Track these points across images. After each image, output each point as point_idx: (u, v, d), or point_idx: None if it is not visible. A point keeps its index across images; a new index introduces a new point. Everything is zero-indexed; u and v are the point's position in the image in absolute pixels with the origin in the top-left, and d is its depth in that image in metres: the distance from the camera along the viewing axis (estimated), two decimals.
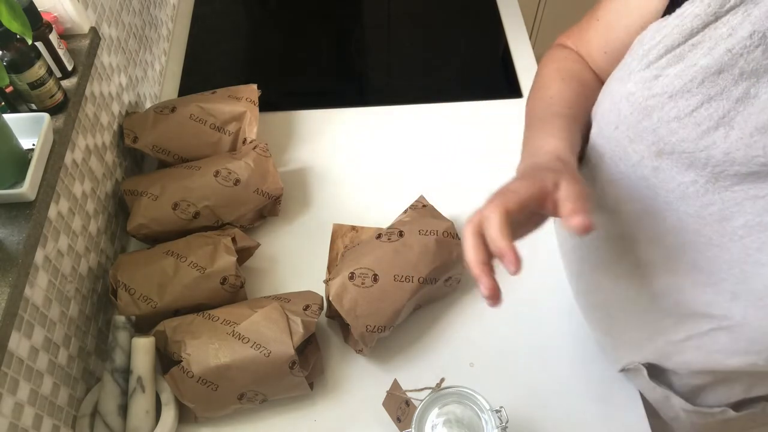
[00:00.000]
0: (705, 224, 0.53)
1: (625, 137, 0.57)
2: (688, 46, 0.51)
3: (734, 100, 0.49)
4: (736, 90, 0.48)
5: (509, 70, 1.16)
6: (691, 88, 0.50)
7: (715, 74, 0.49)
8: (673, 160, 0.53)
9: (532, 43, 1.20)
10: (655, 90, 0.53)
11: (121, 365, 0.74)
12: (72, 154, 0.78)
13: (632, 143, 0.56)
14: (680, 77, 0.51)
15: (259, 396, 0.74)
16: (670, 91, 0.52)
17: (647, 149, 0.55)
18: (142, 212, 0.86)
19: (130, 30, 1.01)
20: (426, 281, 0.78)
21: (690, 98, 0.51)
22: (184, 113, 0.94)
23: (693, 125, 0.51)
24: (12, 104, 0.72)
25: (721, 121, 0.49)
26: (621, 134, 0.57)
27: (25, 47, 0.67)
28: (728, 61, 0.48)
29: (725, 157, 0.50)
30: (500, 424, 0.62)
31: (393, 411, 0.74)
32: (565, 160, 0.58)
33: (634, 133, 0.56)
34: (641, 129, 0.55)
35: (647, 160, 0.55)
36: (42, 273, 0.69)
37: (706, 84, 0.50)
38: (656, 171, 0.55)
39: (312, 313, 0.76)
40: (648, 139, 0.54)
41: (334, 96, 1.15)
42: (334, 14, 1.30)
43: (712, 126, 0.50)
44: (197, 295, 0.80)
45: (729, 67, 0.48)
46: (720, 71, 0.49)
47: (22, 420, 0.62)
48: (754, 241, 0.50)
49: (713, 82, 0.49)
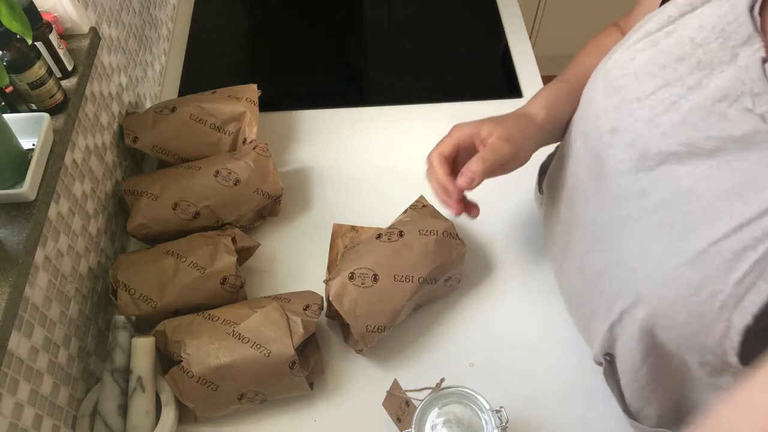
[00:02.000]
0: (631, 199, 0.56)
1: (593, 113, 0.60)
2: (664, 33, 0.54)
3: (687, 87, 0.51)
4: (690, 78, 0.51)
5: (509, 70, 1.16)
6: (654, 71, 0.53)
7: (676, 61, 0.52)
8: (622, 138, 0.56)
9: (532, 43, 1.20)
10: (627, 70, 0.56)
11: (121, 365, 0.74)
12: (72, 154, 0.78)
13: (597, 118, 0.59)
14: (649, 62, 0.54)
15: (259, 396, 0.74)
16: (638, 72, 0.55)
17: (606, 125, 0.58)
18: (142, 212, 0.86)
19: (130, 30, 1.01)
20: (426, 281, 0.78)
21: (651, 81, 0.54)
22: (184, 113, 0.94)
23: (648, 107, 0.54)
24: (12, 104, 0.72)
25: (672, 106, 0.52)
26: (592, 110, 0.61)
27: (25, 47, 0.67)
28: (689, 50, 0.51)
29: (660, 138, 0.53)
30: (500, 424, 0.62)
31: (393, 411, 0.74)
32: (530, 114, 0.67)
33: (600, 109, 0.59)
34: (606, 105, 0.58)
35: (604, 137, 0.58)
36: (42, 273, 0.69)
37: (668, 69, 0.52)
38: (607, 147, 0.58)
39: (312, 313, 0.76)
40: (609, 115, 0.58)
41: (334, 96, 1.15)
42: (334, 14, 1.30)
43: (663, 110, 0.52)
44: (197, 295, 0.80)
45: (689, 56, 0.51)
46: (681, 59, 0.52)
47: (22, 420, 0.62)
48: (660, 217, 0.53)
49: (673, 69, 0.52)
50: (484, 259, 0.90)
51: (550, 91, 0.70)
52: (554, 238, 0.77)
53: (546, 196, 0.80)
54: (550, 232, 0.79)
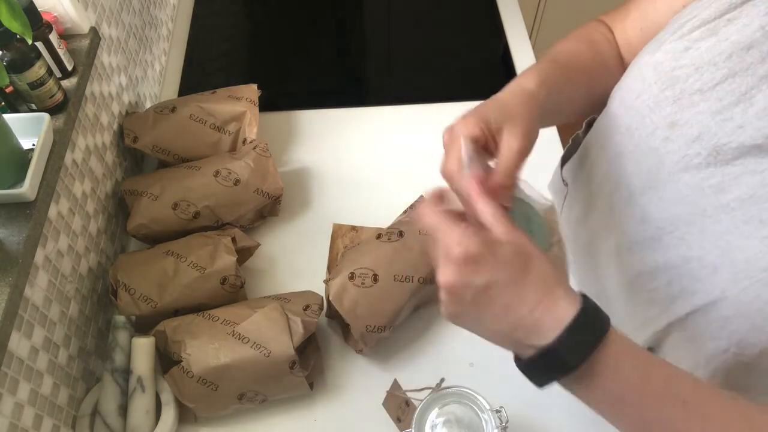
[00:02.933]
0: (703, 196, 0.54)
1: (645, 106, 0.57)
2: (724, 20, 0.51)
3: (759, 77, 0.48)
4: (762, 67, 0.48)
5: (509, 70, 1.16)
6: (717, 61, 0.51)
7: (744, 50, 0.49)
8: (684, 131, 0.54)
9: (532, 43, 1.20)
10: (683, 61, 0.53)
11: (121, 365, 0.74)
12: (72, 154, 0.78)
13: (651, 112, 0.56)
14: (710, 51, 0.51)
15: (259, 396, 0.74)
16: (698, 63, 0.52)
17: (663, 119, 0.55)
18: (142, 212, 0.86)
19: (130, 30, 1.01)
20: (426, 281, 0.78)
21: (715, 72, 0.51)
22: (184, 113, 0.94)
23: (715, 99, 0.51)
24: (12, 104, 0.72)
25: (743, 96, 0.49)
26: (641, 103, 0.58)
27: (25, 47, 0.67)
28: (759, 38, 0.48)
29: (736, 131, 0.50)
30: (500, 424, 0.62)
31: (393, 411, 0.74)
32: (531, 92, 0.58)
33: (654, 102, 0.56)
34: (662, 98, 0.55)
35: (660, 131, 0.56)
36: (42, 273, 0.69)
37: (734, 58, 0.50)
38: (666, 141, 0.55)
39: (312, 313, 0.76)
40: (666, 109, 0.55)
41: (334, 96, 1.15)
42: (334, 14, 1.30)
43: (733, 101, 0.50)
44: (197, 295, 0.80)
45: (759, 44, 0.48)
46: (749, 47, 0.49)
47: (22, 420, 0.62)
48: (744, 213, 0.51)
49: (741, 58, 0.49)
50: None
51: (542, 69, 0.62)
52: (578, 230, 0.74)
53: (571, 186, 0.77)
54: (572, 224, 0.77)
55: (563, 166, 0.79)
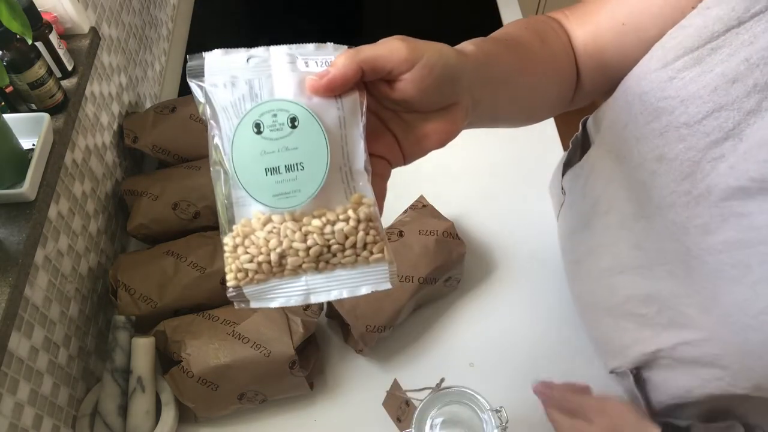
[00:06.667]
0: (688, 235, 0.52)
1: (633, 137, 0.55)
2: (707, 49, 0.48)
3: (745, 112, 0.46)
4: (748, 102, 0.46)
5: None
6: (702, 94, 0.48)
7: (729, 83, 0.47)
8: (673, 167, 0.51)
9: None
10: (668, 92, 0.51)
11: (121, 365, 0.74)
12: (72, 154, 0.78)
13: (638, 143, 0.55)
14: (695, 82, 0.49)
15: (259, 396, 0.74)
16: (683, 95, 0.49)
17: (650, 152, 0.53)
18: (142, 212, 0.86)
19: (130, 30, 1.01)
20: (426, 281, 0.78)
21: (701, 105, 0.48)
22: (184, 113, 0.94)
23: (702, 134, 0.49)
24: (12, 104, 0.72)
25: (731, 132, 0.47)
26: (629, 134, 0.56)
27: (25, 47, 0.67)
28: (744, 71, 0.46)
29: (726, 171, 0.48)
30: (500, 424, 0.62)
31: (393, 411, 0.74)
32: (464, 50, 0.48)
33: (641, 134, 0.54)
34: (648, 131, 0.53)
35: (648, 164, 0.54)
36: (42, 273, 0.69)
37: (719, 92, 0.47)
38: (653, 176, 0.54)
39: (312, 313, 0.76)
40: (653, 142, 0.53)
41: None
42: (334, 14, 1.30)
43: (722, 137, 0.48)
44: (197, 295, 0.80)
45: (744, 77, 0.46)
46: (734, 80, 0.46)
47: (22, 420, 0.62)
48: (731, 257, 0.49)
49: (726, 91, 0.47)
50: (484, 259, 0.90)
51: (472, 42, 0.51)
52: (572, 243, 0.74)
53: (568, 196, 0.75)
54: (567, 235, 0.76)
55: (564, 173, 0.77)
